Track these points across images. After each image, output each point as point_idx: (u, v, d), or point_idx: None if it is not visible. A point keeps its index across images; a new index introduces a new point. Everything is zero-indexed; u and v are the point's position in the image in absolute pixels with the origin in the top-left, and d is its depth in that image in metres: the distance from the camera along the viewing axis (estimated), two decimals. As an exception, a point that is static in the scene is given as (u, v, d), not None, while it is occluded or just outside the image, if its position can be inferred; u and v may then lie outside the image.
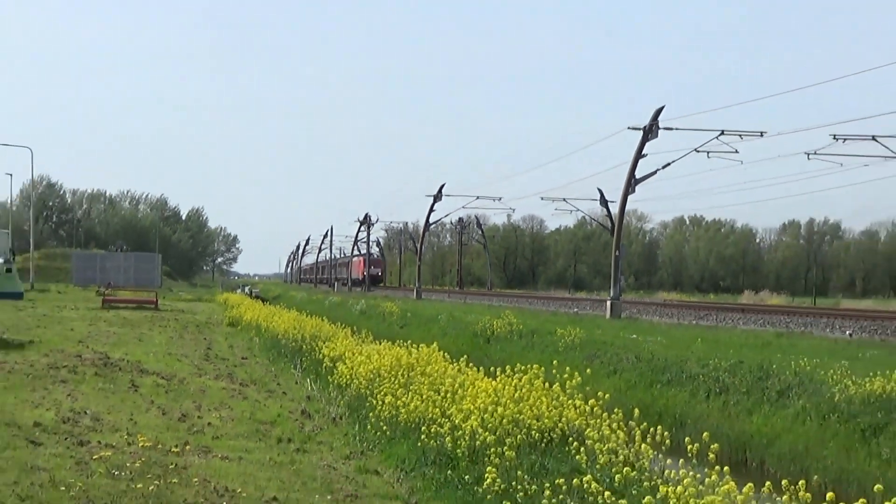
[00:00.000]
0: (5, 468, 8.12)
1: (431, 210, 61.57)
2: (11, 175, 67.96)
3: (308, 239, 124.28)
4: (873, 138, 31.23)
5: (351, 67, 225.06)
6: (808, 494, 6.40)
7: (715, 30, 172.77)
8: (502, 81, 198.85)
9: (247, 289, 77.70)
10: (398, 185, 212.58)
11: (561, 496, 7.54)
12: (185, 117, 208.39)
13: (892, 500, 5.92)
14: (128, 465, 8.63)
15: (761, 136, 33.54)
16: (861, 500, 6.34)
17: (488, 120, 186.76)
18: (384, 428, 11.61)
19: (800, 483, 6.56)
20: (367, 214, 79.00)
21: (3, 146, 65.56)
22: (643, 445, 8.47)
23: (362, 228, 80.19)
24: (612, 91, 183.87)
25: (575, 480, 7.71)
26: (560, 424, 9.83)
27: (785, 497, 6.36)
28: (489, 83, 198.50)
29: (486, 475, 8.26)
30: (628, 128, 33.03)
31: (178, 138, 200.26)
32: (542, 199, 57.30)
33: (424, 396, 11.14)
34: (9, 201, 66.73)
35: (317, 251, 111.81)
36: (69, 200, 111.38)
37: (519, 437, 9.43)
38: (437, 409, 10.54)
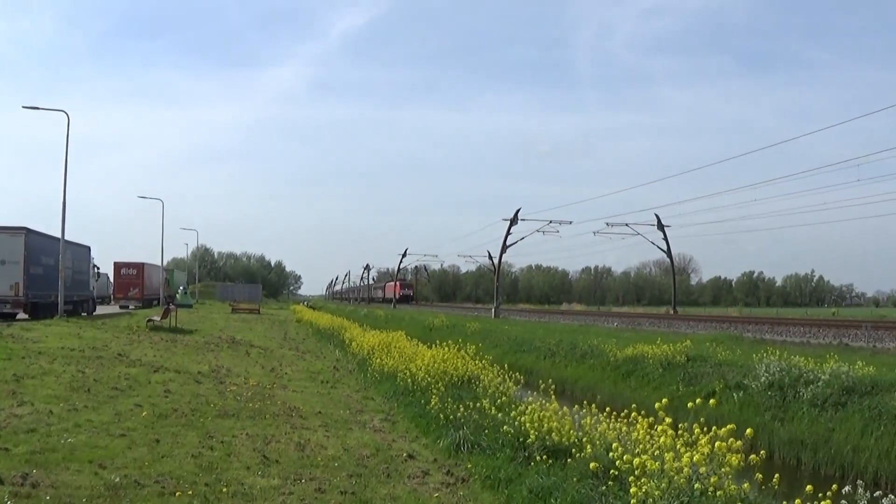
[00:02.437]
0: (184, 394, 13.93)
1: (401, 261, 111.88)
2: (187, 244, 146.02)
3: (337, 276, 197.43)
4: (626, 224, 60.16)
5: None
6: (595, 408, 10.11)
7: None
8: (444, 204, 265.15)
9: (305, 303, 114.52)
10: (383, 247, 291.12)
11: (469, 411, 11.43)
12: (270, 203, 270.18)
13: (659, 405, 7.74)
14: (244, 393, 14.47)
15: (570, 223, 62.97)
16: (624, 411, 8.71)
17: (436, 213, 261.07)
18: (376, 375, 18.00)
19: (590, 402, 10.54)
20: (367, 264, 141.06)
21: (182, 230, 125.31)
22: (510, 384, 13.47)
23: (364, 271, 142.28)
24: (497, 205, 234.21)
25: (476, 403, 11.61)
26: (467, 373, 15.20)
27: (584, 410, 10.01)
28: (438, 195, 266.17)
29: (431, 400, 12.72)
30: (502, 219, 60.08)
31: (266, 218, 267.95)
32: (458, 255, 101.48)
33: (396, 358, 17.56)
34: (186, 258, 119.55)
35: (341, 282, 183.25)
36: (216, 256, 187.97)
37: (446, 380, 14.43)
38: (403, 365, 16.45)
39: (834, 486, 6.08)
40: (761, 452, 6.77)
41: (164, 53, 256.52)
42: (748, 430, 6.81)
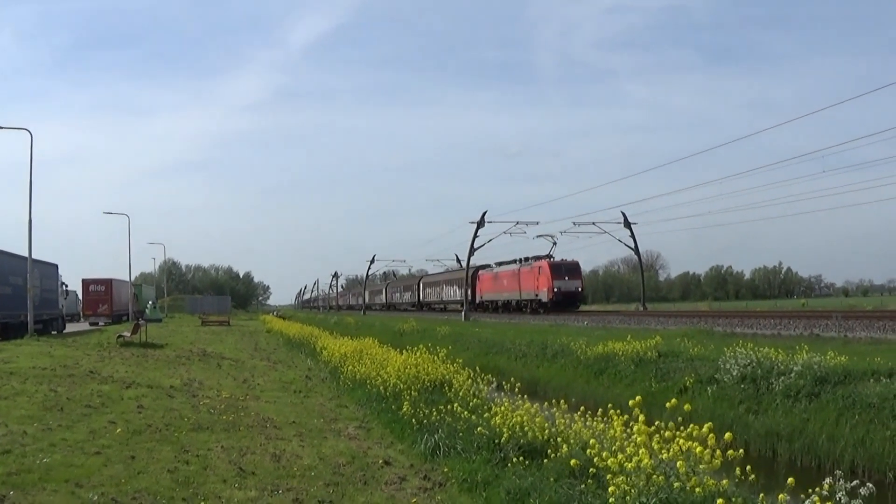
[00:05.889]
0: (157, 408, 13.77)
1: (370, 267, 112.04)
2: (155, 258, 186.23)
3: (306, 285, 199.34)
4: (593, 223, 60.02)
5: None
6: (566, 406, 10.28)
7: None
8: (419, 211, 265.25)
9: (275, 312, 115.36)
10: (352, 254, 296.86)
11: (441, 415, 11.58)
12: (236, 214, 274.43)
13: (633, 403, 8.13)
14: (217, 406, 14.32)
15: (537, 224, 62.13)
16: (599, 410, 9.10)
17: (404, 218, 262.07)
18: (349, 383, 17.98)
19: (562, 401, 10.50)
20: (336, 271, 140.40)
21: (149, 244, 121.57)
22: (482, 386, 13.62)
23: (333, 279, 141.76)
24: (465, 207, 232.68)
25: (448, 406, 11.87)
26: (439, 377, 15.22)
27: (555, 409, 10.14)
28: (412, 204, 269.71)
29: (403, 405, 12.84)
30: (469, 222, 60.71)
31: (232, 229, 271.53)
32: (426, 259, 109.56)
33: (368, 365, 17.59)
34: (154, 272, 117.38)
35: (310, 290, 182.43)
36: (184, 270, 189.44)
37: (418, 385, 14.51)
38: (375, 372, 16.55)
39: (828, 479, 6.06)
40: (740, 451, 6.84)
41: (126, 66, 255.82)
42: (727, 434, 6.89)
